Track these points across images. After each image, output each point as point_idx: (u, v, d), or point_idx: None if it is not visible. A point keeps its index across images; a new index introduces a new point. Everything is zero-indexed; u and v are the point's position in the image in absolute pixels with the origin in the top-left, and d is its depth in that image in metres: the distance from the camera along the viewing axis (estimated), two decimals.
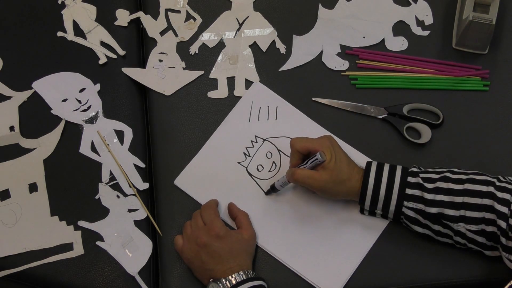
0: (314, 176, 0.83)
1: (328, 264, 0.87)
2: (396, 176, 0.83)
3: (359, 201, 0.85)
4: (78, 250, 0.90)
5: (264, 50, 1.03)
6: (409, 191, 0.82)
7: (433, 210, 0.80)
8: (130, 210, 0.93)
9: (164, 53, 1.04)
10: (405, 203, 0.82)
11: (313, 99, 0.99)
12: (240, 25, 1.06)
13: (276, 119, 0.98)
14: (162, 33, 1.06)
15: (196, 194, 0.93)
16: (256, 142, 0.96)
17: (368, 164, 0.85)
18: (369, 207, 0.85)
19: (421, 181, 0.81)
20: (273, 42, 1.04)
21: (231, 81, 1.01)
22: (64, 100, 1.00)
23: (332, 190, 0.84)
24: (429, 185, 0.81)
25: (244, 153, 0.95)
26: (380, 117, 0.97)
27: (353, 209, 0.90)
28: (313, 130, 0.96)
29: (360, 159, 0.92)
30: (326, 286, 0.86)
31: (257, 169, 0.94)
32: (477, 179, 0.81)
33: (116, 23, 1.07)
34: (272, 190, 0.91)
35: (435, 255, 0.87)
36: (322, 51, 1.03)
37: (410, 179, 0.82)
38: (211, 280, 0.82)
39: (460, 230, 0.80)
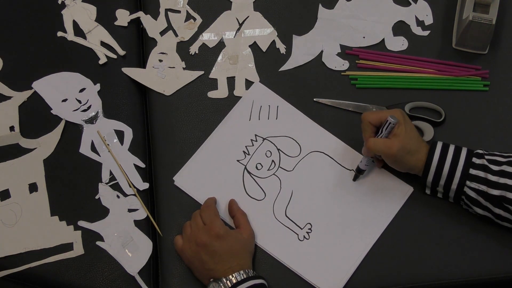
0: (387, 143, 0.84)
1: (328, 264, 0.87)
2: (461, 155, 0.84)
3: (422, 175, 0.85)
4: (78, 250, 0.90)
5: (264, 50, 1.03)
6: (473, 171, 0.82)
7: (496, 192, 0.80)
8: (130, 210, 0.93)
9: (164, 53, 1.04)
10: (468, 183, 0.82)
11: (314, 99, 0.99)
12: (240, 25, 1.06)
13: (276, 119, 0.97)
14: (162, 33, 1.06)
15: (194, 191, 0.93)
16: (256, 141, 0.96)
17: (434, 142, 0.86)
18: (431, 183, 0.85)
19: (486, 163, 0.82)
20: (273, 42, 1.04)
21: (231, 81, 1.01)
22: (64, 100, 1.00)
23: (403, 159, 0.85)
24: (494, 167, 0.81)
25: (244, 152, 0.95)
26: None
27: (352, 209, 0.90)
28: (313, 130, 0.96)
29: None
30: (326, 286, 0.86)
31: (256, 167, 0.94)
32: None
33: (116, 23, 1.07)
34: (358, 172, 0.91)
35: (435, 255, 0.87)
36: (322, 51, 1.03)
37: (475, 160, 0.83)
38: (211, 280, 0.82)
39: None
